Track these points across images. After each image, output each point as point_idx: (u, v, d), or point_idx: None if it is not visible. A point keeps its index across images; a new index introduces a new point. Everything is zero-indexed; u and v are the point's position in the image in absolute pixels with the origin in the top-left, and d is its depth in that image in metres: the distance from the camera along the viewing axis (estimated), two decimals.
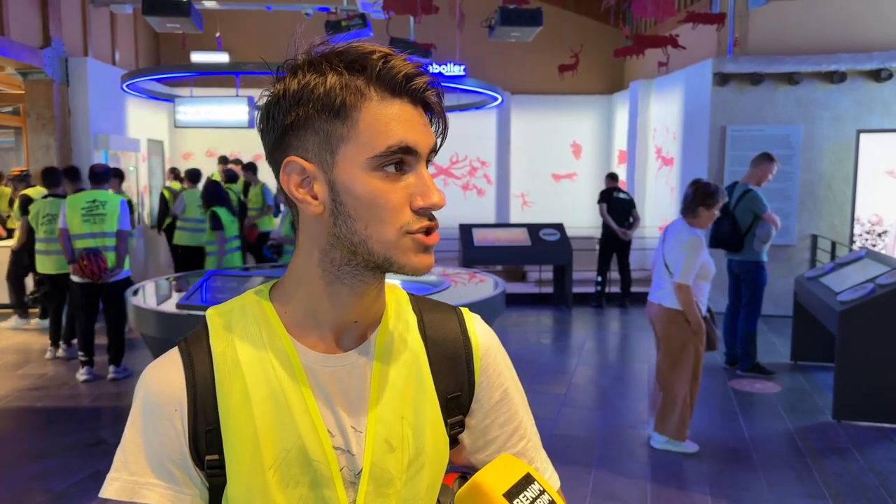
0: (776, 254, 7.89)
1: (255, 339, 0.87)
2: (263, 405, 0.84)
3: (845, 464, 4.27)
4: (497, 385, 0.99)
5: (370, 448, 0.87)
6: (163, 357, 0.90)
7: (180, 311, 4.70)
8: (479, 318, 1.01)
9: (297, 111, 0.82)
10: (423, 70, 0.85)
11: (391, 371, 0.90)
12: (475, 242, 8.79)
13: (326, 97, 0.80)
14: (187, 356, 0.87)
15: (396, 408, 0.89)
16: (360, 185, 0.81)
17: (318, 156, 0.82)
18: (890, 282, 4.91)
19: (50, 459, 4.33)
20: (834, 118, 8.20)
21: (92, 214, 5.71)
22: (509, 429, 0.99)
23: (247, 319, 0.89)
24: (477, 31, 9.28)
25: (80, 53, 8.95)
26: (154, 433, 0.85)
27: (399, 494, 0.89)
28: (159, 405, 0.85)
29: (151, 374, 0.88)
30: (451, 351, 0.95)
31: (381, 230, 0.82)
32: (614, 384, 5.93)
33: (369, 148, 0.80)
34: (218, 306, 0.92)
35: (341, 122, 0.81)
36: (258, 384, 0.85)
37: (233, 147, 11.51)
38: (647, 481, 4.05)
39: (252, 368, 0.86)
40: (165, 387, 0.86)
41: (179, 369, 0.86)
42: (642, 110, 10.77)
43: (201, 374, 0.86)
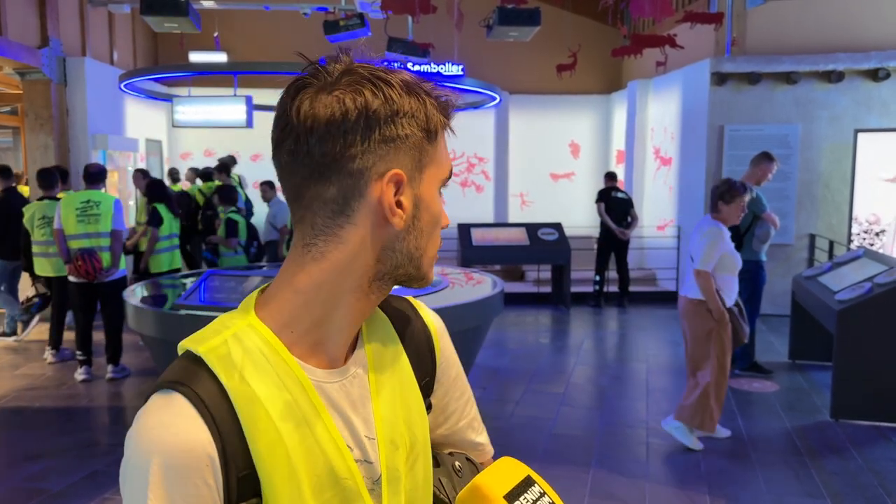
0: (774, 253, 7.90)
1: (264, 369, 0.82)
2: (292, 437, 0.81)
3: (843, 463, 4.28)
4: (452, 363, 1.05)
5: (383, 452, 0.89)
6: (164, 408, 0.78)
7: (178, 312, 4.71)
8: (424, 304, 1.08)
9: (402, 125, 0.83)
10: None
11: (383, 372, 0.93)
12: (474, 242, 8.79)
13: (427, 121, 0.86)
14: (199, 401, 0.77)
15: (392, 406, 0.91)
16: (436, 204, 0.89)
17: (410, 172, 0.85)
18: (888, 281, 4.92)
19: (47, 460, 4.32)
20: (832, 118, 8.21)
21: (86, 215, 5.70)
22: (463, 400, 1.06)
23: (246, 348, 0.82)
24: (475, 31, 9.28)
25: (78, 53, 8.94)
26: (184, 498, 0.75)
27: (405, 488, 0.91)
28: (187, 465, 0.75)
29: (162, 431, 0.76)
30: (417, 339, 1.00)
31: (433, 246, 0.91)
32: (613, 384, 5.93)
33: (441, 171, 0.90)
34: (203, 340, 0.83)
35: (431, 144, 0.87)
36: (283, 416, 0.81)
37: (231, 147, 11.50)
38: (646, 480, 4.05)
39: (272, 401, 0.81)
40: (189, 442, 0.76)
41: (197, 418, 0.77)
42: (640, 110, 10.78)
43: (221, 418, 0.78)
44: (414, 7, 7.31)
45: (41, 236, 6.26)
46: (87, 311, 5.88)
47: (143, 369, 6.21)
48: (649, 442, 4.62)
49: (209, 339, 0.83)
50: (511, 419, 5.03)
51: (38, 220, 6.28)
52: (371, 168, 0.82)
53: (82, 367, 5.87)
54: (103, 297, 5.85)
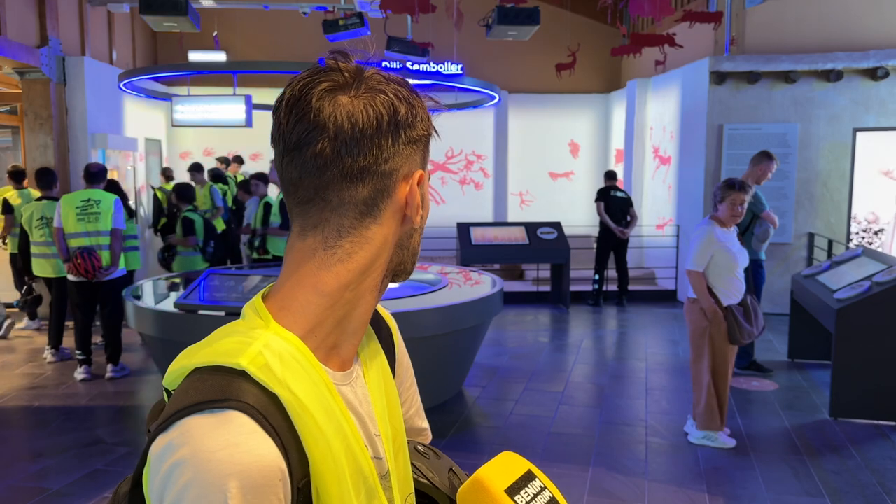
0: (773, 252, 7.91)
1: (301, 377, 0.81)
2: (336, 442, 0.81)
3: (842, 461, 4.29)
4: (404, 353, 1.10)
5: (388, 447, 0.92)
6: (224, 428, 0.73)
7: (178, 311, 4.71)
8: None
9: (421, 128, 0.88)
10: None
11: (372, 370, 0.96)
12: (473, 241, 8.79)
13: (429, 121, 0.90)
14: (259, 415, 0.75)
15: (381, 401, 0.94)
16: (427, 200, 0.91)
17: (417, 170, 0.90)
18: (886, 279, 4.92)
19: (47, 459, 4.33)
20: (830, 117, 8.21)
21: (86, 213, 5.71)
22: (413, 388, 1.11)
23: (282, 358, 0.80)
24: (474, 30, 9.29)
25: (78, 52, 8.94)
26: None
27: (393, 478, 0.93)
28: (265, 484, 0.72)
29: (234, 451, 0.72)
30: (381, 334, 1.04)
31: (419, 241, 0.93)
32: (612, 382, 5.94)
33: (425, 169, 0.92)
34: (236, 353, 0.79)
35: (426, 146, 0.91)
36: (327, 422, 0.81)
37: (230, 146, 11.50)
38: (645, 479, 4.06)
39: (316, 408, 0.80)
40: (264, 459, 0.73)
41: (262, 433, 0.74)
42: (639, 109, 10.78)
43: (281, 429, 0.76)
44: (413, 6, 7.31)
45: (40, 237, 6.26)
46: (86, 310, 5.88)
47: (142, 368, 6.21)
48: (648, 440, 4.63)
49: (243, 351, 0.79)
50: (510, 418, 5.04)
51: (36, 221, 6.28)
52: (399, 169, 0.85)
53: (82, 367, 5.87)
54: (102, 297, 5.85)
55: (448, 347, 5.15)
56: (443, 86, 9.09)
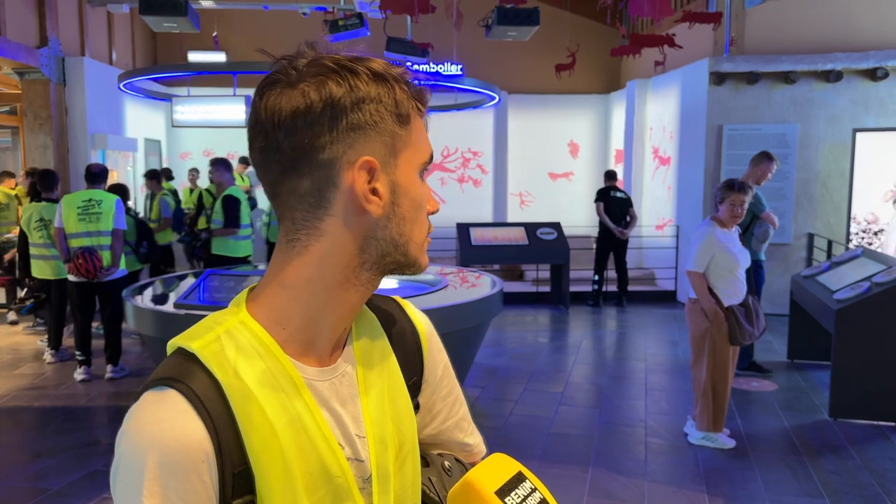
0: (773, 252, 7.91)
1: (257, 365, 0.82)
2: (286, 433, 0.81)
3: (842, 462, 4.29)
4: (439, 361, 1.04)
5: (373, 451, 0.88)
6: (159, 405, 0.77)
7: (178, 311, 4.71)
8: (411, 304, 1.06)
9: (369, 112, 0.83)
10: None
11: (372, 372, 0.92)
12: (473, 241, 8.79)
13: (397, 105, 0.85)
14: (195, 397, 0.77)
15: (381, 405, 0.91)
16: (416, 188, 0.87)
17: (383, 158, 0.84)
18: (886, 280, 4.92)
19: (47, 459, 4.33)
20: (830, 117, 8.22)
21: (87, 213, 5.71)
22: (451, 399, 1.05)
23: (239, 344, 0.82)
24: (474, 31, 9.29)
25: (77, 53, 8.94)
26: (180, 495, 0.74)
27: (394, 487, 0.91)
28: (183, 461, 0.74)
29: (157, 428, 0.75)
30: (406, 339, 1.00)
31: (419, 232, 0.88)
32: (611, 383, 5.94)
33: (420, 155, 0.88)
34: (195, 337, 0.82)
35: (404, 129, 0.86)
36: (277, 412, 0.81)
37: (230, 146, 11.50)
38: (645, 479, 4.06)
39: (266, 397, 0.80)
40: (185, 437, 0.75)
41: (193, 414, 0.76)
42: (639, 109, 10.78)
43: (217, 413, 0.77)
44: (413, 7, 7.31)
45: (38, 238, 6.25)
46: (85, 310, 5.88)
47: (142, 369, 6.21)
48: (648, 441, 4.63)
49: (201, 335, 0.82)
50: (510, 418, 5.04)
51: (34, 223, 6.26)
52: (342, 157, 0.82)
53: (81, 367, 5.87)
54: (103, 297, 5.85)
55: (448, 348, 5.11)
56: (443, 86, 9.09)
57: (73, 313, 5.97)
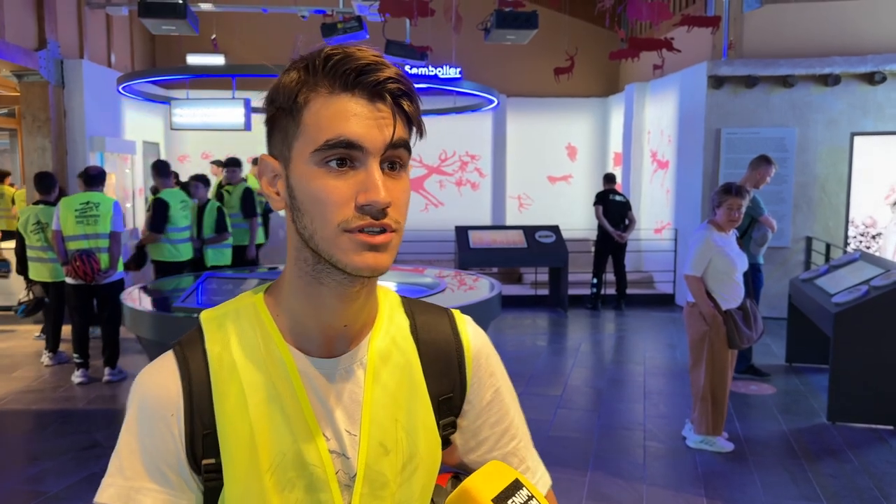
0: (771, 256, 7.91)
1: (251, 343, 0.87)
2: (259, 409, 0.84)
3: (840, 465, 4.29)
4: (489, 386, 0.99)
5: (364, 451, 0.88)
6: (157, 361, 0.89)
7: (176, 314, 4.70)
8: (470, 320, 1.01)
9: (270, 110, 0.85)
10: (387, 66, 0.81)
11: (384, 374, 0.90)
12: (471, 244, 8.79)
13: (286, 94, 0.82)
14: (182, 359, 0.87)
15: (390, 411, 0.90)
16: (305, 179, 0.81)
17: (281, 153, 0.84)
18: (884, 284, 4.93)
19: (44, 462, 4.32)
20: (828, 121, 8.23)
21: (85, 216, 5.70)
22: (500, 429, 0.99)
23: (241, 323, 0.88)
24: (473, 34, 9.29)
25: (76, 55, 8.94)
26: (150, 438, 0.84)
27: (394, 497, 0.89)
28: (156, 410, 0.85)
29: (146, 378, 0.88)
30: (443, 353, 0.96)
31: (322, 226, 0.80)
32: (610, 386, 5.94)
33: (312, 142, 0.80)
34: (212, 309, 0.91)
35: (293, 118, 0.81)
36: (254, 388, 0.85)
37: (229, 149, 11.48)
38: (643, 483, 4.06)
39: (248, 372, 0.85)
40: (162, 391, 0.85)
41: (175, 373, 0.86)
42: (637, 113, 10.79)
43: (197, 377, 0.85)
44: (412, 10, 7.32)
45: (36, 241, 6.23)
46: (83, 313, 5.87)
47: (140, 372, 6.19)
48: (647, 444, 4.63)
49: (217, 309, 0.91)
50: None
51: (31, 226, 6.23)
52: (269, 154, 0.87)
53: (79, 370, 5.86)
54: (101, 300, 5.84)
55: None
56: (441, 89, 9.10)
57: (71, 316, 5.96)
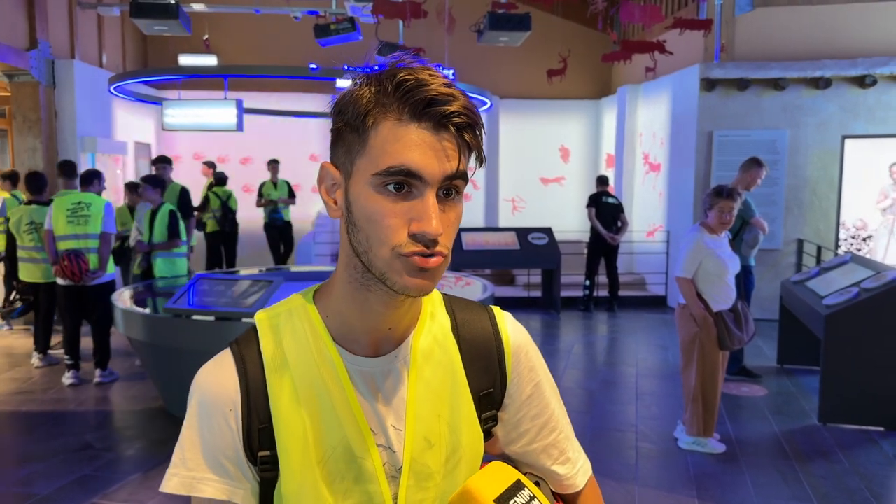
0: (762, 258, 7.94)
1: (302, 342, 0.92)
2: (311, 405, 0.90)
3: (830, 466, 4.31)
4: (528, 380, 1.03)
5: (409, 445, 0.92)
6: (216, 359, 0.94)
7: (167, 315, 4.68)
8: (510, 316, 1.06)
9: (338, 121, 0.87)
10: (457, 97, 0.83)
11: (427, 372, 0.95)
12: (464, 246, 8.79)
13: (354, 111, 0.84)
14: (239, 358, 0.92)
15: (433, 407, 0.94)
16: (363, 199, 0.84)
17: (343, 165, 0.87)
18: (875, 286, 4.95)
19: (35, 464, 4.29)
20: (819, 124, 8.27)
21: (76, 216, 5.67)
22: (540, 421, 1.04)
23: (294, 323, 0.93)
24: (466, 36, 9.31)
25: (67, 56, 8.89)
26: (210, 431, 0.90)
27: (438, 487, 0.94)
28: (215, 405, 0.90)
29: (206, 375, 0.93)
30: (484, 349, 1.00)
31: (377, 247, 0.83)
32: (602, 388, 5.95)
33: (375, 165, 0.82)
34: (266, 310, 0.96)
35: (359, 136, 0.84)
36: (306, 385, 0.90)
37: (221, 150, 11.47)
38: (635, 484, 4.06)
39: (299, 370, 0.90)
40: (220, 388, 0.91)
41: (233, 371, 0.91)
42: (630, 115, 10.83)
43: (253, 374, 0.91)
44: (405, 11, 7.32)
45: (28, 241, 6.19)
46: (74, 314, 5.84)
47: (131, 374, 6.17)
48: (638, 446, 4.64)
49: (271, 310, 0.95)
50: None
51: (24, 226, 6.19)
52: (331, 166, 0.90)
53: (70, 371, 5.83)
54: (91, 301, 5.80)
55: None
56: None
57: (62, 317, 5.93)
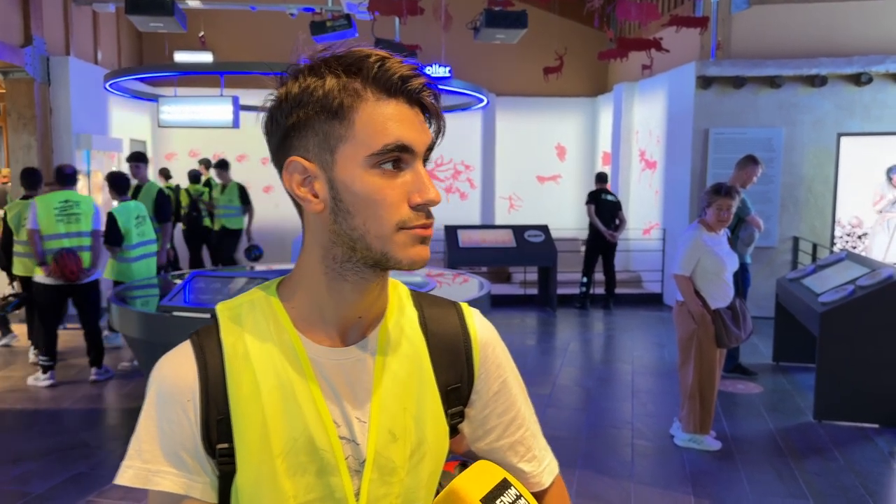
0: (758, 255, 7.96)
1: (264, 333, 0.90)
2: (272, 396, 0.88)
3: (826, 463, 4.32)
4: (496, 376, 1.02)
5: (374, 438, 0.90)
6: (175, 349, 0.92)
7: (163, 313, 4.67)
8: (478, 313, 1.05)
9: (298, 113, 0.85)
10: (419, 72, 0.87)
11: (393, 364, 0.93)
12: (460, 244, 8.79)
13: (325, 99, 0.84)
14: (199, 348, 0.90)
15: (399, 399, 0.92)
16: (359, 182, 0.84)
17: (318, 156, 0.86)
18: (870, 283, 4.97)
19: (29, 462, 4.28)
20: (815, 121, 8.29)
21: (66, 214, 5.64)
22: (507, 418, 1.02)
23: (255, 314, 0.92)
24: (462, 33, 9.29)
25: (62, 52, 8.86)
26: (168, 422, 0.88)
27: (402, 482, 0.92)
28: (173, 395, 0.88)
29: (165, 365, 0.91)
30: (451, 344, 0.99)
31: (378, 226, 0.85)
32: (598, 385, 5.96)
33: (367, 146, 0.83)
34: (227, 301, 0.95)
35: (339, 123, 0.84)
36: (266, 376, 0.88)
37: (217, 147, 11.43)
38: (631, 481, 4.07)
39: (261, 361, 0.89)
40: (179, 378, 0.89)
41: (192, 361, 0.89)
42: (626, 113, 10.83)
43: (213, 365, 0.89)
44: (401, 8, 7.31)
45: (25, 236, 6.18)
46: (58, 314, 5.82)
47: (126, 371, 6.15)
48: (634, 443, 4.64)
49: (232, 301, 0.94)
50: None
51: (23, 220, 6.19)
52: (283, 160, 0.88)
53: (47, 373, 5.74)
54: (80, 299, 5.77)
55: None
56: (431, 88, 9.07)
57: (42, 316, 5.83)
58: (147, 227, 6.25)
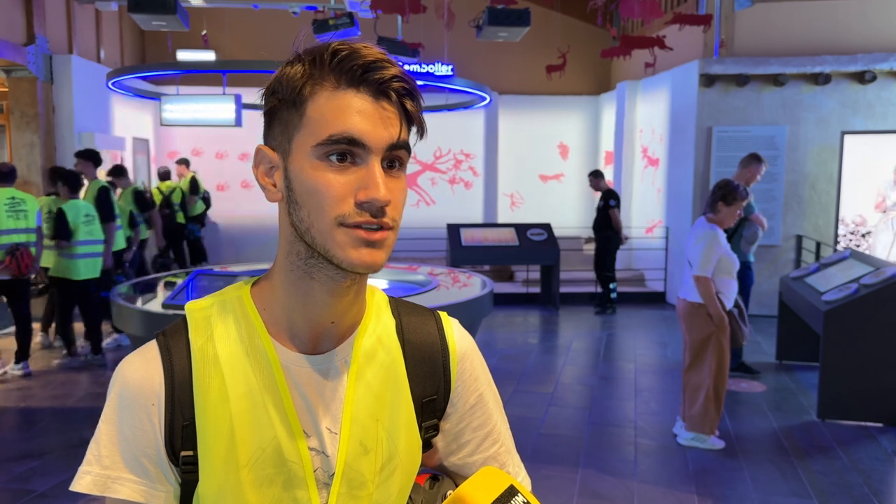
0: (761, 254, 7.94)
1: (234, 336, 0.86)
2: (240, 403, 0.83)
3: (829, 462, 4.31)
4: (472, 390, 0.98)
5: (344, 450, 0.87)
6: (140, 350, 0.88)
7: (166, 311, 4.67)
8: (457, 323, 1.01)
9: (270, 102, 0.84)
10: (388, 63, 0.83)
11: (368, 374, 0.90)
12: (463, 242, 8.79)
13: (288, 87, 0.82)
14: (166, 350, 0.86)
15: (372, 410, 0.89)
16: (304, 172, 0.81)
17: (280, 145, 0.84)
18: (874, 282, 4.95)
19: (32, 460, 4.28)
20: (818, 119, 8.26)
21: (15, 211, 5.75)
22: (482, 433, 0.98)
23: (226, 315, 0.87)
24: (465, 31, 9.29)
25: (65, 51, 8.87)
26: (129, 427, 0.84)
27: (371, 497, 0.88)
28: (136, 399, 0.84)
29: (128, 367, 0.86)
30: (428, 355, 0.95)
31: (319, 219, 0.80)
32: (601, 384, 5.95)
33: (314, 136, 0.80)
34: (198, 300, 0.90)
35: (296, 111, 0.81)
36: (236, 382, 0.84)
37: (219, 146, 11.44)
38: (634, 480, 4.06)
39: (230, 366, 0.85)
40: (143, 381, 0.84)
41: (157, 363, 0.85)
42: (629, 111, 10.81)
43: (179, 368, 0.84)
44: (403, 6, 7.30)
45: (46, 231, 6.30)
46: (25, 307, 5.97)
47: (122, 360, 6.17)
48: (637, 442, 4.64)
49: (202, 300, 0.90)
50: None
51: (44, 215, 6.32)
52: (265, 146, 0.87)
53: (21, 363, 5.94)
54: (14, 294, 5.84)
55: None
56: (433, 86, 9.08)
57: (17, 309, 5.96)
58: (95, 227, 6.25)
